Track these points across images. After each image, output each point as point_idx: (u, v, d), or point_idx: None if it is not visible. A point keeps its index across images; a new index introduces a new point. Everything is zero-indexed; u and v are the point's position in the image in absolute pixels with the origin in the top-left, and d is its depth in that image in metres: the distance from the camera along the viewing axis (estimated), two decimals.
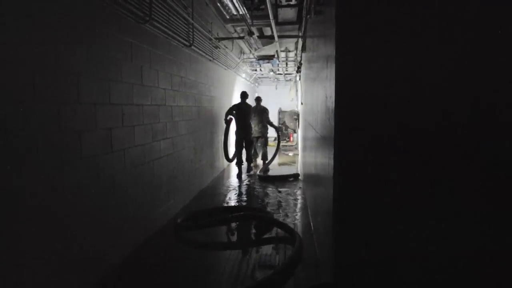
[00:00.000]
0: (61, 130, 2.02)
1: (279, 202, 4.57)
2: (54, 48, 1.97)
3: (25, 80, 1.77)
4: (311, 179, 3.66)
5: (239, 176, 6.26)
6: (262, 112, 7.14)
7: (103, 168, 2.46)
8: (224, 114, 6.31)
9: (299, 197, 4.78)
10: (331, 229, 1.67)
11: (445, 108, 1.42)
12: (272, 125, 7.39)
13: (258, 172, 6.41)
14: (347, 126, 1.56)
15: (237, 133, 6.36)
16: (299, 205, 4.41)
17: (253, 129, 6.85)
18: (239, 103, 6.41)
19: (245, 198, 5.00)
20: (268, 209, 4.25)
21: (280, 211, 4.15)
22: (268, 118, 7.26)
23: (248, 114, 6.46)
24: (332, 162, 1.66)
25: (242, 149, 6.41)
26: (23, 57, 1.75)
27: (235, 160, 6.43)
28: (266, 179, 6.08)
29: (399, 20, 1.45)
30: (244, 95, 6.37)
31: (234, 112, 6.26)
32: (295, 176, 6.07)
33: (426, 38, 1.43)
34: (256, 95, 6.95)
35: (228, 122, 6.24)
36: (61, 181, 2.02)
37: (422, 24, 1.43)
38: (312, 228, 3.31)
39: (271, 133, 7.84)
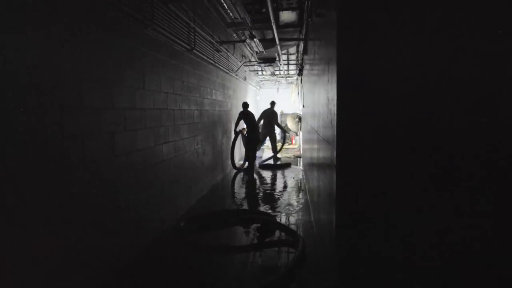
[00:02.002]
0: (63, 135, 2.03)
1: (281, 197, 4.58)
2: (56, 52, 1.98)
3: (29, 85, 1.78)
4: (314, 184, 3.65)
5: (246, 169, 7.14)
6: (272, 114, 8.57)
7: (105, 172, 2.47)
8: (234, 124, 7.19)
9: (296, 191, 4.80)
10: (334, 233, 1.66)
11: (449, 110, 1.41)
12: (280, 126, 8.82)
13: (260, 162, 7.84)
14: (349, 128, 1.55)
15: (247, 133, 7.25)
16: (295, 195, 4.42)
17: (265, 128, 8.41)
18: (244, 111, 7.15)
19: (249, 191, 5.36)
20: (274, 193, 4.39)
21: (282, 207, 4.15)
22: (277, 119, 8.71)
23: (253, 118, 7.20)
24: (334, 163, 1.66)
25: (250, 147, 7.26)
26: (25, 61, 1.77)
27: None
28: (266, 167, 7.50)
29: (400, 22, 1.45)
30: (245, 104, 7.29)
31: (242, 119, 7.07)
32: (288, 165, 7.64)
33: (428, 39, 1.42)
34: (267, 100, 8.17)
35: (237, 134, 7.16)
36: (62, 186, 2.03)
37: (424, 25, 1.43)
38: (315, 229, 3.30)
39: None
